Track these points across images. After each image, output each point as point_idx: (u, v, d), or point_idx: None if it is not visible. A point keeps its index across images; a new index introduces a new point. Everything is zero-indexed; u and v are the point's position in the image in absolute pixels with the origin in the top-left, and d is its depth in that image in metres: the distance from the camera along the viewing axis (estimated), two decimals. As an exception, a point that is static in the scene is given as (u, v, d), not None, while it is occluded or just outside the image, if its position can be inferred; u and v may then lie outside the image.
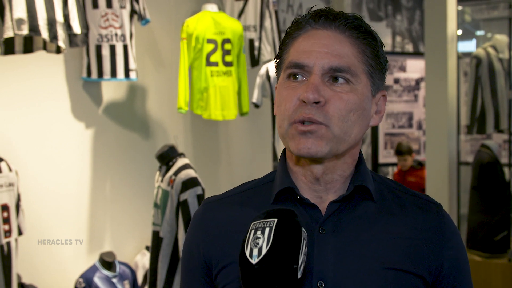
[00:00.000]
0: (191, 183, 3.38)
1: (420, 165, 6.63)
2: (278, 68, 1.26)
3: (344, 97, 1.17)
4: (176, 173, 3.43)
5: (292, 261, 1.05)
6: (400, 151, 6.61)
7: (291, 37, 1.23)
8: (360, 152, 1.28)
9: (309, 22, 1.21)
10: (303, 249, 1.07)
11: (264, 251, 1.05)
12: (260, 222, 1.09)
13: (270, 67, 4.63)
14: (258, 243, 1.06)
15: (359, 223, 1.22)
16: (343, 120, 1.17)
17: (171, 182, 3.41)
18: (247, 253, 1.06)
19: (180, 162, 3.50)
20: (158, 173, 3.63)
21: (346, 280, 1.17)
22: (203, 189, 3.43)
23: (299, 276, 1.06)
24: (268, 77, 4.64)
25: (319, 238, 1.19)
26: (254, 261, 1.05)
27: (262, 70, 4.66)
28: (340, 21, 1.19)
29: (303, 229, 1.08)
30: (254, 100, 4.60)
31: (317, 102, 1.16)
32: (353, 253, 1.19)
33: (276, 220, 1.08)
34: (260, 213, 1.12)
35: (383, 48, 1.24)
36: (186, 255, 1.32)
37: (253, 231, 1.08)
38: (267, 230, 1.07)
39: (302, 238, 1.07)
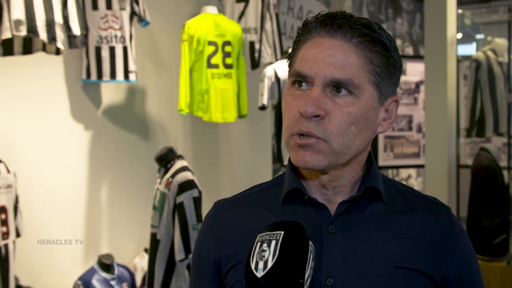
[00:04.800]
0: (187, 185, 3.37)
1: None
2: (289, 68, 1.24)
3: (345, 110, 1.15)
4: (173, 176, 3.43)
5: (298, 275, 1.03)
6: None
7: (300, 41, 1.21)
8: (370, 154, 1.28)
9: (316, 28, 1.18)
10: (310, 263, 1.05)
11: (269, 264, 1.03)
12: (266, 234, 1.07)
13: (278, 69, 4.38)
14: (264, 256, 1.04)
15: (368, 222, 1.22)
16: (343, 135, 1.15)
17: (168, 184, 3.41)
18: (253, 266, 1.04)
19: (178, 164, 3.50)
20: (157, 175, 3.63)
21: (355, 278, 1.17)
22: (199, 192, 3.42)
23: None
24: (277, 78, 4.37)
25: (328, 237, 1.19)
26: (259, 274, 1.03)
27: (269, 72, 4.36)
28: (346, 29, 1.15)
29: (310, 242, 1.06)
30: (265, 102, 4.35)
31: (317, 116, 1.14)
32: (362, 252, 1.19)
33: (283, 232, 1.06)
34: (267, 225, 1.10)
35: (397, 53, 1.20)
36: (196, 255, 1.32)
37: (259, 243, 1.06)
38: (273, 242, 1.05)
39: (309, 251, 1.05)
